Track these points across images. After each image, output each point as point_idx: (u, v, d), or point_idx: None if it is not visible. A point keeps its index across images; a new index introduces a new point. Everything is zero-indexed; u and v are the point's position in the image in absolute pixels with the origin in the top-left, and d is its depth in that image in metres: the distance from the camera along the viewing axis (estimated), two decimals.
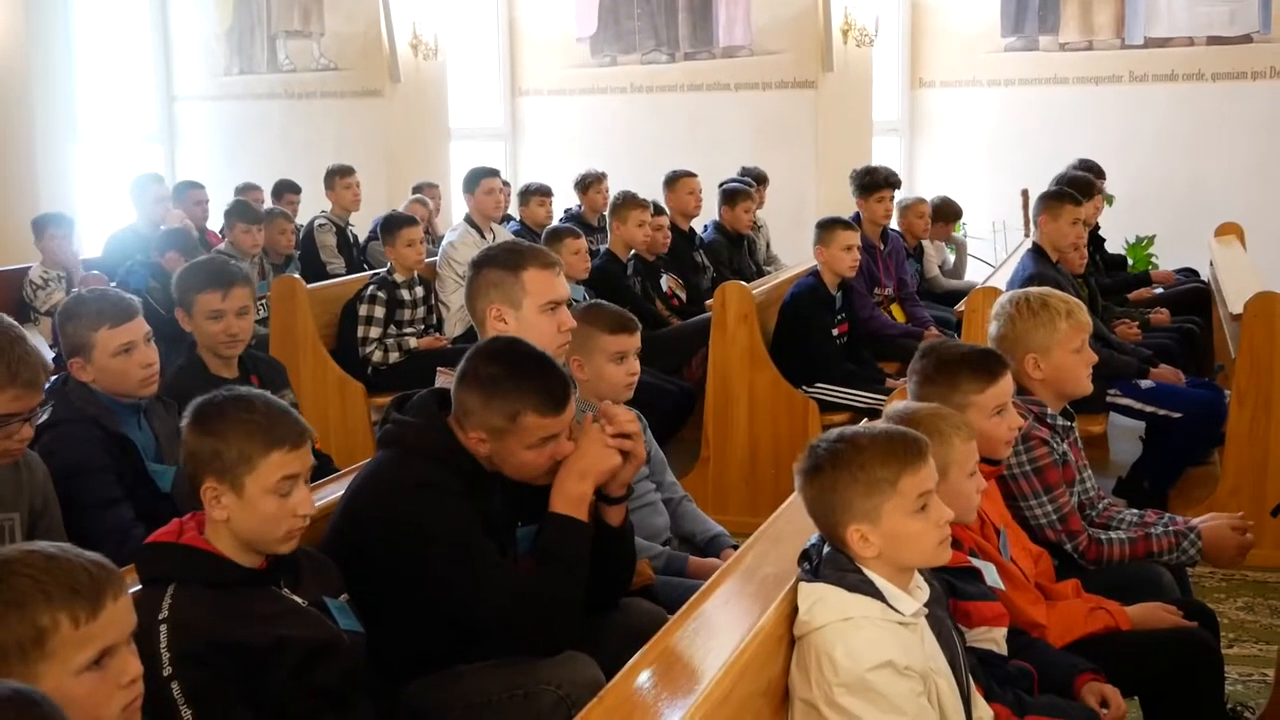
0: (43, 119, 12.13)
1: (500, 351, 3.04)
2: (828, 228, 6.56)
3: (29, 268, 8.13)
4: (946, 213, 9.70)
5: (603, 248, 7.75)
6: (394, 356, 6.96)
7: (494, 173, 8.22)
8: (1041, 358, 3.84)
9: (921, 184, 12.45)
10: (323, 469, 4.12)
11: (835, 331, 6.61)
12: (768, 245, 9.51)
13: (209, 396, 2.70)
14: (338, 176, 9.42)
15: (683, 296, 7.85)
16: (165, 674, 2.44)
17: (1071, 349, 3.86)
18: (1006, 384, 3.42)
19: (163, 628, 2.48)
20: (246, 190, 9.86)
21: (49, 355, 7.73)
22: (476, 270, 3.62)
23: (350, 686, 2.72)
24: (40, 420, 3.42)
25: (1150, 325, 7.38)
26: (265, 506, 2.61)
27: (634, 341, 4.03)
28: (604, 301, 4.33)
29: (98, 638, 1.96)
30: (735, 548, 4.07)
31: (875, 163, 9.79)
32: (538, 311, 3.59)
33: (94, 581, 1.97)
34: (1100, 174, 8.17)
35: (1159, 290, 8.31)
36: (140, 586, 2.59)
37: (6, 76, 12.19)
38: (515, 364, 3.00)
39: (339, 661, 2.68)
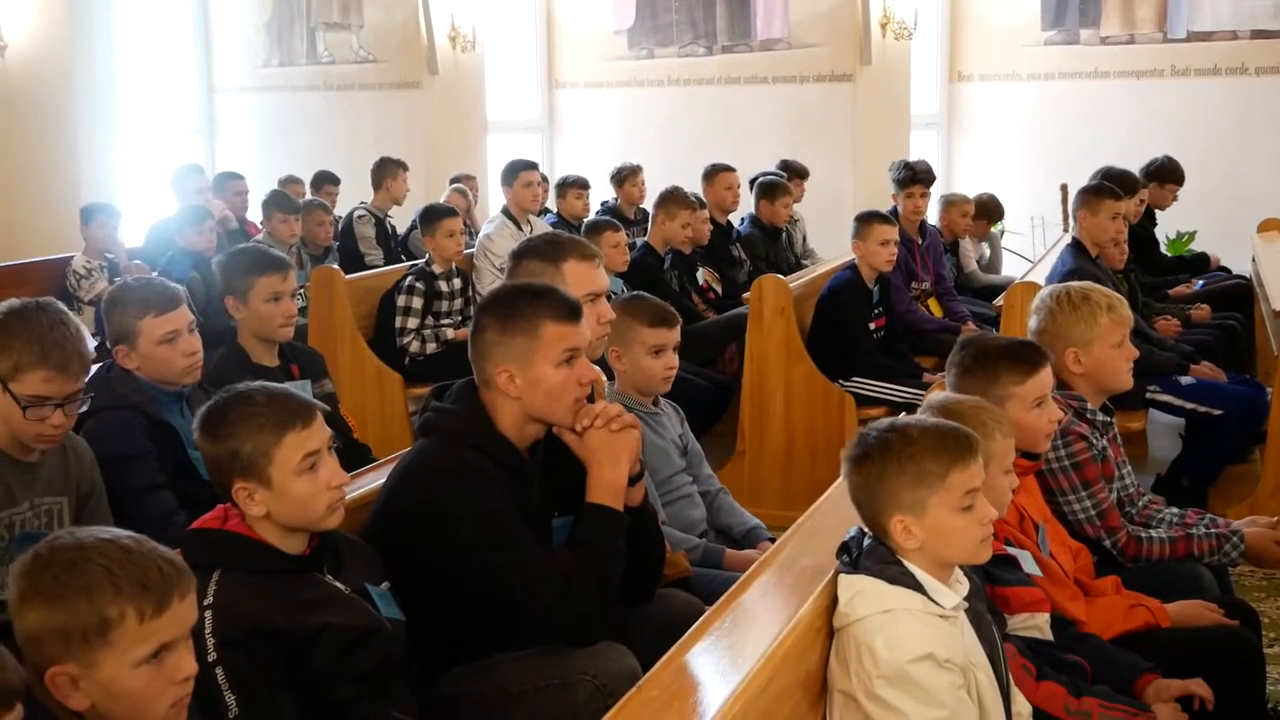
0: (85, 110, 12.23)
1: (508, 286, 3.17)
2: (865, 222, 6.56)
3: (71, 257, 8.20)
4: (989, 211, 9.64)
5: (639, 240, 7.74)
6: (431, 347, 6.98)
7: (532, 165, 8.23)
8: (1082, 352, 3.82)
9: (959, 179, 12.39)
10: (361, 459, 4.15)
11: (872, 326, 6.59)
12: (804, 239, 9.49)
13: (210, 403, 2.73)
14: (400, 169, 9.44)
15: (719, 290, 7.84)
16: (210, 659, 2.47)
17: (1112, 344, 3.84)
18: (1046, 376, 3.41)
19: (208, 613, 2.51)
20: (288, 183, 9.91)
21: (91, 344, 7.90)
22: (516, 261, 3.64)
23: (391, 673, 2.73)
24: (82, 409, 3.45)
25: (1191, 321, 7.32)
26: (298, 489, 2.63)
27: (673, 335, 4.04)
28: (646, 294, 4.33)
29: (159, 634, 1.99)
30: (772, 540, 4.09)
31: (913, 157, 9.75)
32: None
33: (164, 580, 2.00)
34: (1134, 183, 8.06)
35: (1200, 285, 8.24)
36: None
37: (50, 68, 12.30)
38: (524, 287, 3.12)
39: (380, 648, 2.69)
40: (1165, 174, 8.57)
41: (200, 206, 8.03)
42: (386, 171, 9.43)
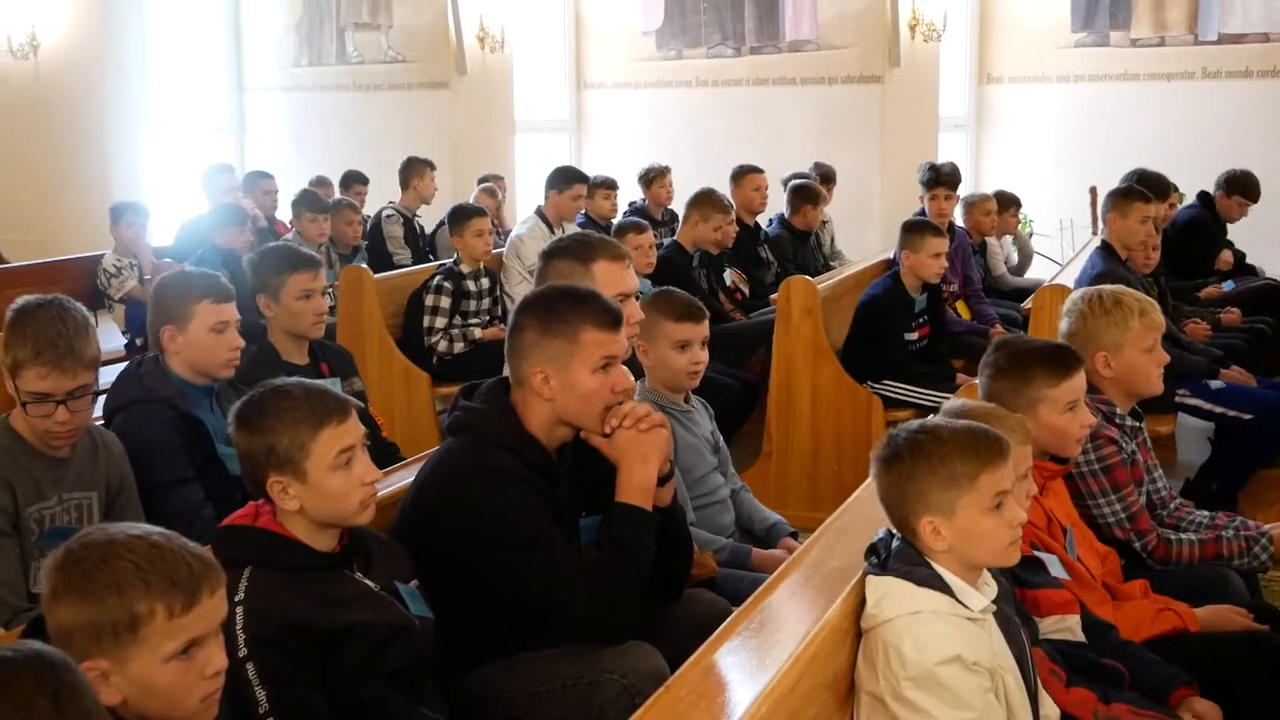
0: (116, 109, 12.33)
1: (552, 288, 3.15)
2: (918, 233, 6.44)
3: (102, 255, 8.26)
4: (1005, 202, 9.60)
5: (666, 241, 7.74)
6: (459, 347, 7.00)
7: (584, 178, 8.23)
8: (1112, 356, 3.81)
9: (988, 181, 12.36)
10: (389, 458, 4.17)
11: (915, 335, 6.55)
12: (832, 240, 9.48)
13: (246, 398, 2.74)
14: (428, 169, 9.47)
15: (745, 290, 7.84)
16: (240, 655, 2.48)
17: (1143, 348, 3.82)
18: (1080, 380, 3.40)
19: (239, 609, 2.52)
20: (318, 184, 9.96)
21: (119, 342, 7.95)
22: (547, 261, 3.64)
23: (420, 671, 2.74)
24: (98, 416, 3.47)
25: (1221, 325, 7.28)
26: (332, 484, 2.64)
27: (700, 330, 4.03)
28: (674, 289, 4.33)
29: (188, 630, 2.00)
30: (795, 535, 4.10)
31: (941, 160, 9.73)
32: None
33: (193, 576, 2.01)
34: (1166, 186, 8.00)
35: (1229, 288, 8.19)
36: None
37: (82, 68, 12.39)
38: (569, 290, 3.10)
39: (409, 646, 2.70)
40: (1236, 186, 8.50)
41: (239, 206, 8.06)
42: (414, 171, 9.46)
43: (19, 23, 12.56)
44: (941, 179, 7.91)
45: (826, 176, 9.55)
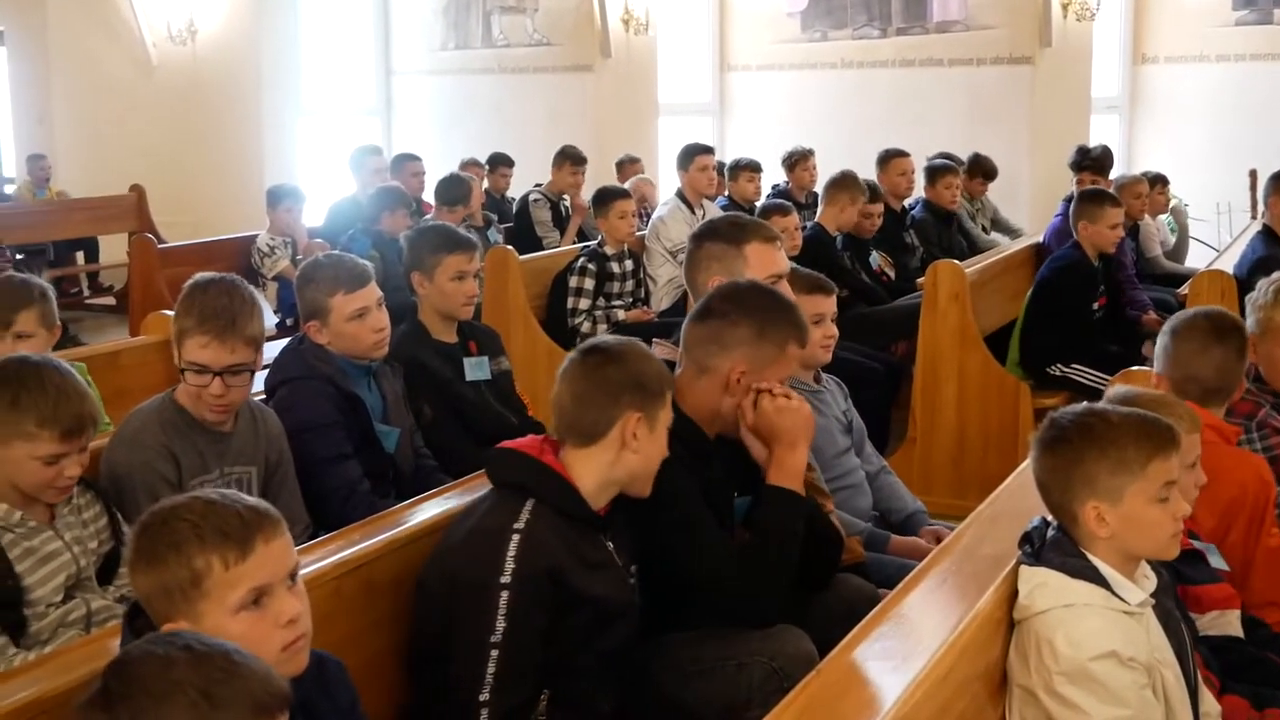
0: (270, 94, 12.66)
1: (771, 297, 3.14)
2: (1096, 203, 6.45)
3: (256, 235, 8.47)
4: (1151, 180, 9.34)
5: (809, 224, 7.69)
6: (602, 329, 7.03)
7: (708, 150, 8.22)
8: None
9: (1140, 164, 12.01)
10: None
11: (1095, 305, 6.50)
12: (995, 216, 9.33)
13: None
14: (568, 162, 9.53)
15: (891, 275, 7.75)
16: (501, 580, 2.54)
17: None
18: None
19: (515, 537, 2.58)
20: (467, 164, 10.12)
21: (271, 320, 8.15)
22: (697, 244, 3.62)
23: (623, 655, 2.78)
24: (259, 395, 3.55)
25: None
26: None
27: (829, 304, 4.02)
28: (798, 266, 4.29)
29: (249, 578, 2.04)
30: (943, 527, 4.02)
31: (1092, 142, 9.50)
32: None
33: (244, 525, 2.05)
34: None
35: None
36: (494, 487, 2.75)
37: (238, 54, 12.75)
38: (783, 302, 3.14)
39: (626, 630, 2.76)
40: None
41: (400, 189, 8.19)
42: (556, 163, 9.52)
43: (178, 10, 12.97)
44: (1088, 164, 7.76)
45: (987, 172, 9.36)
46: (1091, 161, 7.82)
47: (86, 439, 2.94)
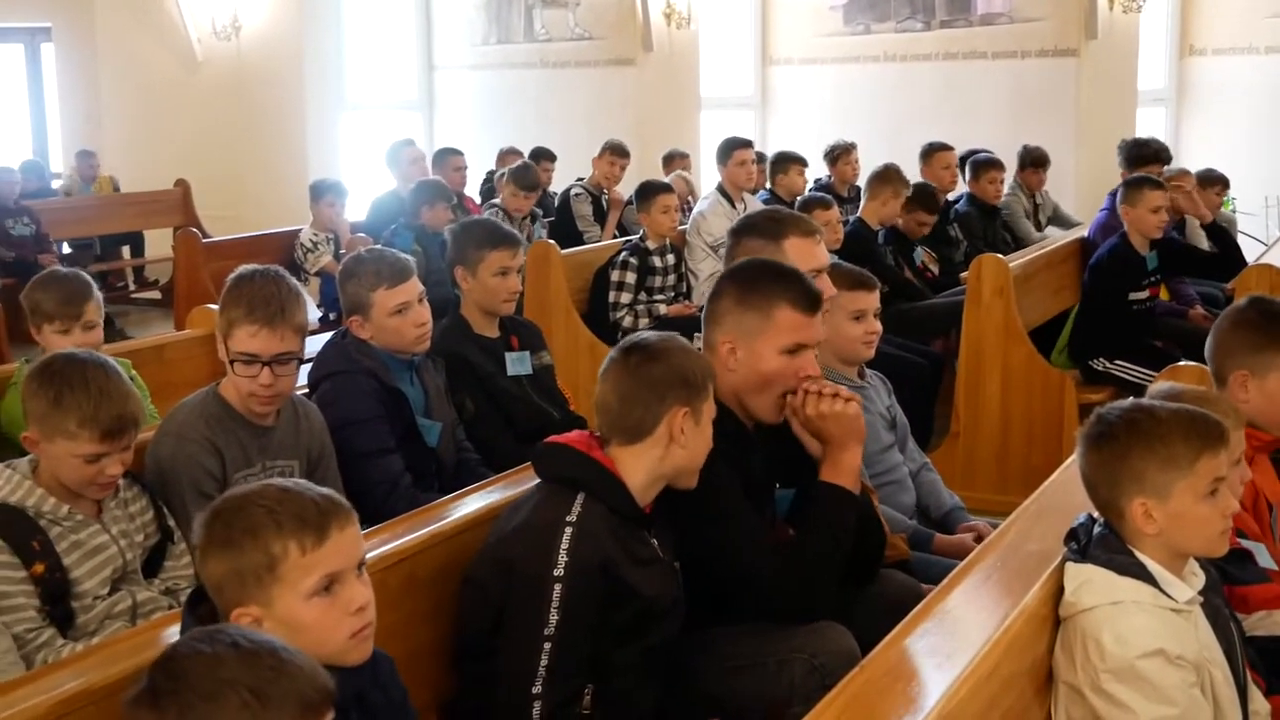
0: (313, 89, 12.73)
1: (757, 261, 3.14)
2: (1136, 187, 6.43)
3: (299, 230, 8.52)
4: (1210, 180, 9.22)
5: (851, 218, 7.66)
6: (644, 323, 7.03)
7: (747, 144, 8.20)
8: None
9: (1188, 158, 11.88)
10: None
11: (1144, 294, 6.46)
12: (1055, 212, 9.26)
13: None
14: (621, 158, 9.52)
15: (935, 270, 7.71)
16: (554, 573, 2.55)
17: None
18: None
19: (568, 529, 2.59)
20: (508, 153, 10.13)
21: (314, 315, 8.19)
22: (736, 238, 3.62)
23: (665, 651, 2.78)
24: (303, 387, 3.56)
25: None
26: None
27: (873, 300, 3.98)
28: (839, 260, 4.27)
29: (323, 564, 2.06)
30: (971, 521, 4.01)
31: (1140, 135, 9.39)
32: None
33: (320, 513, 2.08)
34: None
35: None
36: (542, 481, 2.76)
37: (282, 49, 12.83)
38: (773, 266, 3.09)
39: (669, 626, 2.76)
40: None
41: (441, 183, 8.22)
42: (602, 155, 9.51)
43: (223, 7, 13.06)
44: (1148, 155, 7.70)
45: (1037, 160, 9.27)
46: (1151, 154, 7.73)
47: (128, 439, 2.96)
